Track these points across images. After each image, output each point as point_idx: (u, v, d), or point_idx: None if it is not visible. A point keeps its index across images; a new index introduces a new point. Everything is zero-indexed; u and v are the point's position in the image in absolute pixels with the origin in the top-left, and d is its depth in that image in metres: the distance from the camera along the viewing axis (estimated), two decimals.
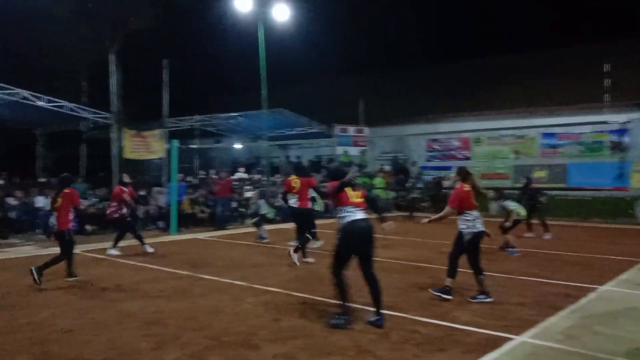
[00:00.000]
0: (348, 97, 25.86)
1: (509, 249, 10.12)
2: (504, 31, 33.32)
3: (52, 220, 7.70)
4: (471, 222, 6.62)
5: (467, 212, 6.66)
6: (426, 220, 7.14)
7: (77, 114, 17.20)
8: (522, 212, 10.73)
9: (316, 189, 9.38)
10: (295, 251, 9.02)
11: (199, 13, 31.35)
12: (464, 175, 6.97)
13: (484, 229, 6.70)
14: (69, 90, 20.98)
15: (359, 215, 5.55)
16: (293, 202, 9.35)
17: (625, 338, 5.08)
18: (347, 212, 5.56)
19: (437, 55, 31.24)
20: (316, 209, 10.00)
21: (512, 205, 10.58)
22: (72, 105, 16.68)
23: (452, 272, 6.67)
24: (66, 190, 7.75)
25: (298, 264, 8.88)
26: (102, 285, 7.45)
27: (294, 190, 9.28)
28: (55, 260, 7.59)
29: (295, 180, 9.32)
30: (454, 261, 6.71)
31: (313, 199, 9.54)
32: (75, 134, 21.28)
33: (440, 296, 6.57)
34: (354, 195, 5.64)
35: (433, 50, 34.71)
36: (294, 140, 23.65)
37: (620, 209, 17.64)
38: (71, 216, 7.75)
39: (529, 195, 12.60)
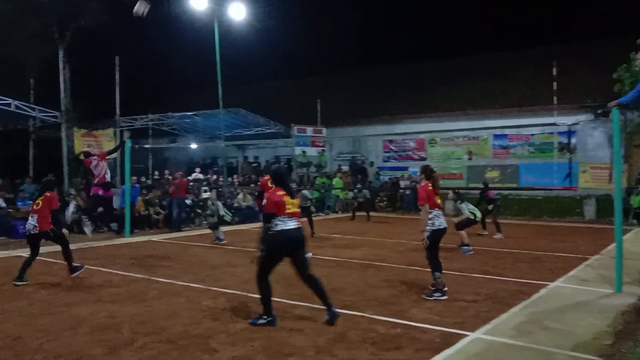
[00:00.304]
0: (305, 97, 25.89)
1: (463, 247, 10.37)
2: (457, 34, 34.13)
3: (32, 221, 7.81)
4: (430, 220, 6.73)
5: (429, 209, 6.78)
6: (424, 239, 6.77)
7: (25, 112, 16.55)
8: (478, 214, 11.06)
9: None
10: None
11: (153, 10, 30.67)
12: (428, 173, 7.06)
13: (444, 227, 6.80)
14: (15, 88, 20.10)
15: (290, 224, 5.50)
16: None
17: (573, 333, 5.26)
18: (280, 220, 5.47)
19: (392, 57, 31.71)
20: None
21: (467, 209, 10.89)
22: (17, 102, 16.01)
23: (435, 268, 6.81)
24: (47, 194, 7.94)
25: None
26: (52, 289, 7.20)
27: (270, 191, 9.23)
28: (67, 254, 7.94)
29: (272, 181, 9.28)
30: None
31: None
32: (23, 133, 20.47)
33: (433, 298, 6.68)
34: (292, 205, 5.56)
35: (387, 53, 35.22)
36: (252, 141, 23.49)
37: (569, 208, 18.34)
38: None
39: (486, 199, 13.12)
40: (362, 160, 23.55)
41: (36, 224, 7.72)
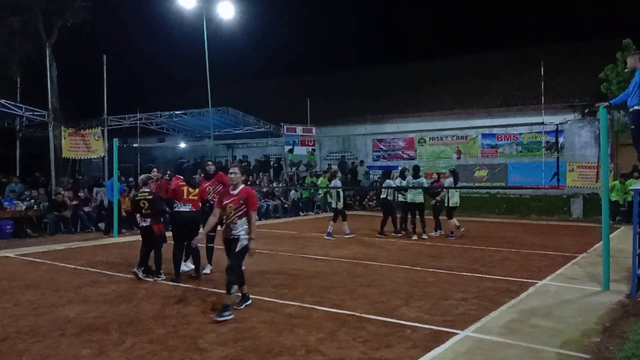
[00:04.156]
0: (295, 96, 25.86)
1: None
2: (446, 34, 34.32)
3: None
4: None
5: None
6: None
7: (12, 111, 16.34)
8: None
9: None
10: None
11: (141, 8, 30.60)
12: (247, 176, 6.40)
13: None
14: (0, 86, 19.83)
15: None
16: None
17: (561, 330, 5.30)
18: None
19: (381, 57, 31.87)
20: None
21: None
22: (4, 101, 15.78)
23: (241, 279, 6.16)
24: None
25: None
26: (39, 290, 7.13)
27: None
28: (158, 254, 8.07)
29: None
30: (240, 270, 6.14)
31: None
32: (10, 132, 20.22)
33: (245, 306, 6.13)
34: None
35: (377, 53, 35.37)
36: (241, 140, 23.42)
37: (556, 207, 18.48)
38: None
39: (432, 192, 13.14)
40: (352, 160, 23.59)
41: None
